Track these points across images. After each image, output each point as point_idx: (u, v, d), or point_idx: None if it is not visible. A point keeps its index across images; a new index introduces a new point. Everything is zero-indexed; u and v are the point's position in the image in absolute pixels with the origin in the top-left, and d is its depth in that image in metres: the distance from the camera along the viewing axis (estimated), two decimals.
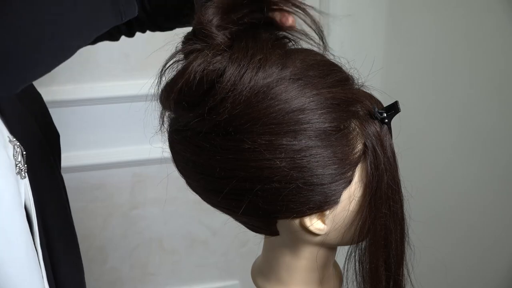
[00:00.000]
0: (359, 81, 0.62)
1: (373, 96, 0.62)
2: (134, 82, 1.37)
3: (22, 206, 0.62)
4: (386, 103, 0.61)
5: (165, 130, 0.66)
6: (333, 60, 0.62)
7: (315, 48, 0.63)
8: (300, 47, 0.64)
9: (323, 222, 0.60)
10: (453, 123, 1.22)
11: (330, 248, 0.66)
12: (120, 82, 1.38)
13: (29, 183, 0.64)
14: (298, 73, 0.57)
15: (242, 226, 0.66)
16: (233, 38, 0.59)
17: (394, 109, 0.59)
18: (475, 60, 1.13)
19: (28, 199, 0.64)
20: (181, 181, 0.66)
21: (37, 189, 0.66)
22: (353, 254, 0.64)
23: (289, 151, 0.56)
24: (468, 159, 1.19)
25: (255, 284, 0.70)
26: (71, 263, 0.74)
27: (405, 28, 1.33)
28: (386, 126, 0.59)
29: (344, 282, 0.69)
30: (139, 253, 1.59)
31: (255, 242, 0.70)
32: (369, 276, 0.63)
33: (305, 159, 0.56)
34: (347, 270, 0.65)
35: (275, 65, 0.56)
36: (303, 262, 0.65)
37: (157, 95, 0.63)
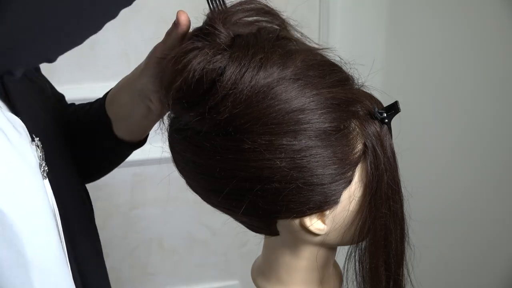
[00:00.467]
0: (359, 81, 0.62)
1: (373, 96, 0.62)
2: None
3: (51, 207, 0.59)
4: (386, 103, 0.61)
5: (165, 129, 0.66)
6: (333, 60, 0.62)
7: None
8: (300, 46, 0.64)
9: (323, 222, 0.60)
10: (453, 123, 1.22)
11: (330, 248, 0.66)
12: None
13: (49, 183, 0.61)
14: (298, 73, 0.57)
15: (242, 226, 0.66)
16: (234, 37, 0.59)
17: (394, 109, 0.59)
18: (475, 59, 1.13)
19: (51, 199, 0.61)
20: (181, 181, 0.66)
21: (57, 189, 0.63)
22: (353, 254, 0.64)
23: (289, 151, 0.56)
24: (468, 159, 1.19)
25: (255, 284, 0.69)
26: (94, 261, 0.71)
27: (405, 28, 1.33)
28: (386, 126, 0.59)
29: (344, 282, 0.69)
30: (139, 253, 1.59)
31: (255, 242, 0.70)
32: (369, 276, 0.63)
33: (305, 159, 0.56)
34: (347, 270, 0.65)
35: (276, 65, 0.56)
36: (303, 262, 0.65)
37: None
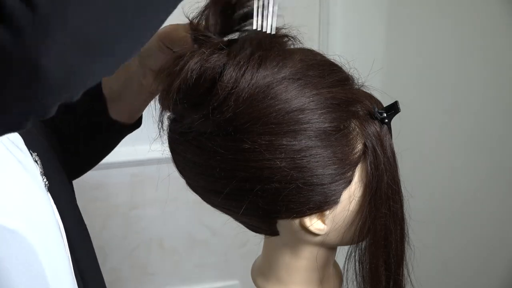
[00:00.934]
0: (359, 81, 0.62)
1: (373, 96, 0.62)
2: None
3: (57, 221, 0.58)
4: (386, 103, 0.61)
5: (164, 130, 0.66)
6: (333, 60, 0.62)
7: (315, 47, 0.63)
8: (300, 46, 0.64)
9: (323, 222, 0.60)
10: (454, 123, 1.22)
11: (330, 248, 0.66)
12: None
13: (51, 197, 0.60)
14: (298, 72, 0.57)
15: (242, 226, 0.66)
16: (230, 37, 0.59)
17: (394, 109, 0.59)
18: (475, 59, 1.13)
19: (56, 214, 0.60)
20: (181, 181, 0.66)
21: (58, 204, 0.62)
22: (353, 254, 0.64)
23: (289, 151, 0.55)
24: (468, 159, 1.19)
25: (255, 284, 0.69)
26: (94, 272, 0.71)
27: (405, 28, 1.33)
28: (386, 126, 0.59)
29: (344, 282, 0.69)
30: (139, 253, 1.58)
31: (255, 242, 0.70)
32: (369, 276, 0.63)
33: (305, 159, 0.56)
34: (347, 270, 0.65)
35: (275, 62, 0.56)
36: (303, 262, 0.65)
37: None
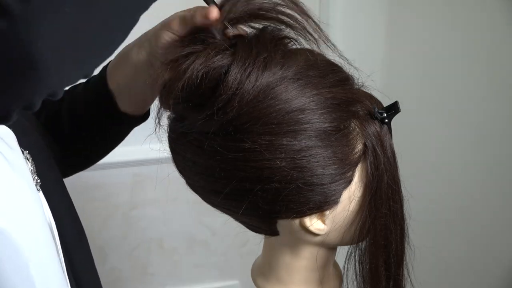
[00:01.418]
0: (359, 81, 0.62)
1: (373, 96, 0.62)
2: None
3: (48, 221, 0.58)
4: (386, 103, 0.61)
5: (164, 130, 0.66)
6: (333, 60, 0.62)
7: (315, 47, 0.63)
8: (301, 46, 0.64)
9: (323, 222, 0.60)
10: (454, 123, 1.22)
11: (330, 248, 0.66)
12: None
13: (43, 196, 0.60)
14: (298, 73, 0.57)
15: (242, 226, 0.66)
16: (235, 38, 0.59)
17: (394, 109, 0.59)
18: (475, 59, 1.13)
19: (48, 213, 0.60)
20: (181, 181, 0.66)
21: (50, 202, 0.61)
22: (353, 254, 0.64)
23: (289, 151, 0.56)
24: (468, 159, 1.19)
25: (255, 284, 0.69)
26: (89, 273, 0.71)
27: (405, 28, 1.33)
28: (386, 126, 0.59)
29: (344, 282, 0.69)
30: (139, 253, 1.58)
31: (255, 242, 0.70)
32: (369, 276, 0.63)
33: (305, 159, 0.56)
34: (347, 270, 0.65)
35: (279, 64, 0.56)
36: (303, 262, 0.65)
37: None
